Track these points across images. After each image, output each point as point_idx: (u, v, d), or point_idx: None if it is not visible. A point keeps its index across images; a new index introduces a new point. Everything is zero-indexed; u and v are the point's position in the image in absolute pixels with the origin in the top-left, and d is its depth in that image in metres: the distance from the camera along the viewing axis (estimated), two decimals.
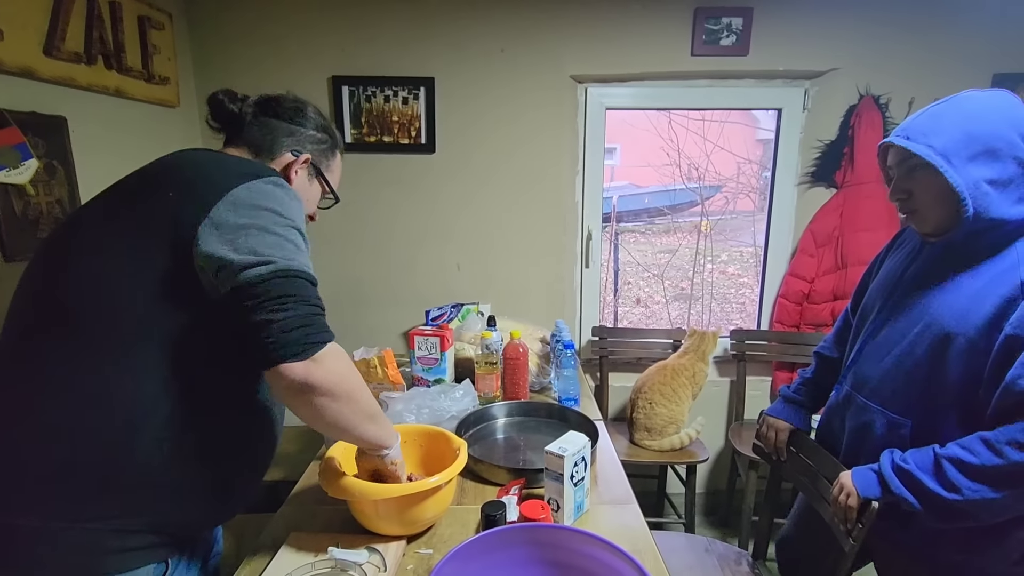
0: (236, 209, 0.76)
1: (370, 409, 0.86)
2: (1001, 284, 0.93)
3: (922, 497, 0.96)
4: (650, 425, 2.09)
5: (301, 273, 0.76)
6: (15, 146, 1.33)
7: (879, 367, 1.08)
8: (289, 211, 0.80)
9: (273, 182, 0.82)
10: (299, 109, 1.01)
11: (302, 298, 0.75)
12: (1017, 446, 0.87)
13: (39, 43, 1.43)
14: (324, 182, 1.05)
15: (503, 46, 2.18)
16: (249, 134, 0.97)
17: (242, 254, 0.73)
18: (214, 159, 0.86)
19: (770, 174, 2.41)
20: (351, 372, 0.81)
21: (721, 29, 2.14)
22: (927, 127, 0.97)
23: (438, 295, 2.34)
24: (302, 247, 0.80)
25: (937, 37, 2.14)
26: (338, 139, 1.08)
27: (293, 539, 0.97)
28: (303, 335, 0.73)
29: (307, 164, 1.00)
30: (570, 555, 0.86)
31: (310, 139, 1.01)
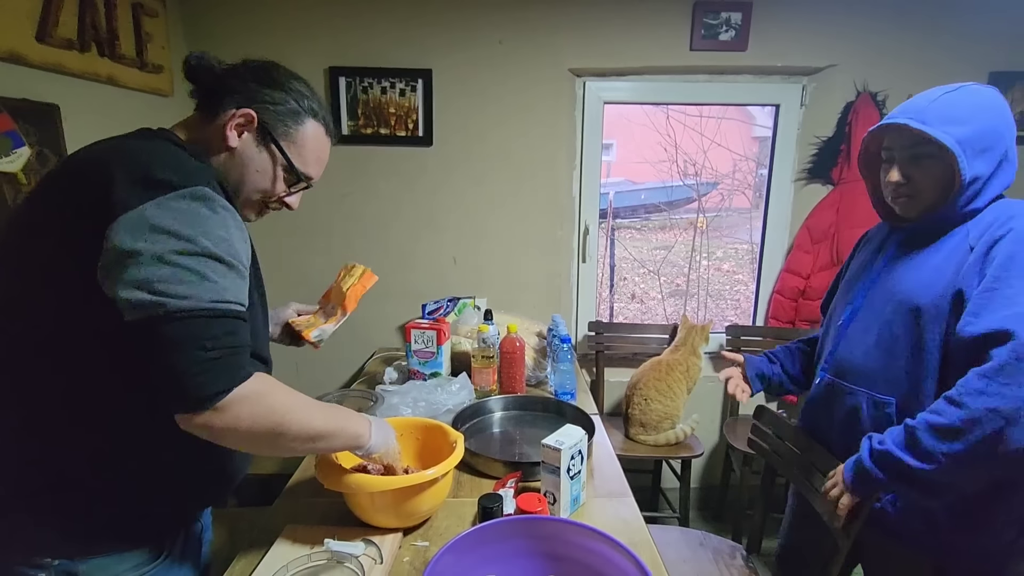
0: (135, 232, 0.66)
1: (308, 432, 0.79)
2: (955, 253, 1.01)
3: (903, 477, 0.95)
4: (645, 421, 2.09)
5: (199, 312, 0.68)
6: (6, 133, 1.31)
7: (860, 351, 1.12)
8: (204, 233, 0.70)
9: (190, 195, 0.70)
10: (261, 66, 0.88)
11: (199, 343, 0.67)
12: (974, 393, 0.89)
13: (31, 29, 1.41)
14: (279, 151, 0.87)
15: (501, 38, 2.17)
16: (204, 99, 0.86)
17: (130, 290, 0.66)
18: (127, 160, 0.72)
19: (766, 171, 2.41)
20: (268, 412, 0.73)
21: (720, 24, 2.14)
22: (945, 114, 0.97)
23: (434, 289, 2.33)
24: (213, 277, 0.70)
25: (935, 34, 2.15)
26: (312, 107, 0.90)
27: (289, 531, 0.97)
28: (198, 386, 0.67)
29: (251, 124, 0.84)
30: (567, 547, 0.86)
31: (263, 97, 0.85)
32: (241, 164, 0.86)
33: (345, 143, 2.23)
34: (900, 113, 1.02)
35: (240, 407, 0.70)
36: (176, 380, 0.67)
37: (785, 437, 1.38)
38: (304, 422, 0.78)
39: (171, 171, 0.71)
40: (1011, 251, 0.93)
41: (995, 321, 0.90)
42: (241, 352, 0.73)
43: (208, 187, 0.73)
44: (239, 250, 0.74)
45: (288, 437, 0.77)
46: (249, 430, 0.72)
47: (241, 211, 0.89)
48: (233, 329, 0.72)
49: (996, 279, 0.92)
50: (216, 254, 0.70)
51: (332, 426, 0.84)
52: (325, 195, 2.28)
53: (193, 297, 0.68)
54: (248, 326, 0.76)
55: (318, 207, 2.28)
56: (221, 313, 0.70)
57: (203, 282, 0.69)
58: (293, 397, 0.79)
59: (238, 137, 0.84)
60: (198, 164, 0.78)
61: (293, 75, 0.90)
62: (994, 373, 0.88)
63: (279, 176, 0.89)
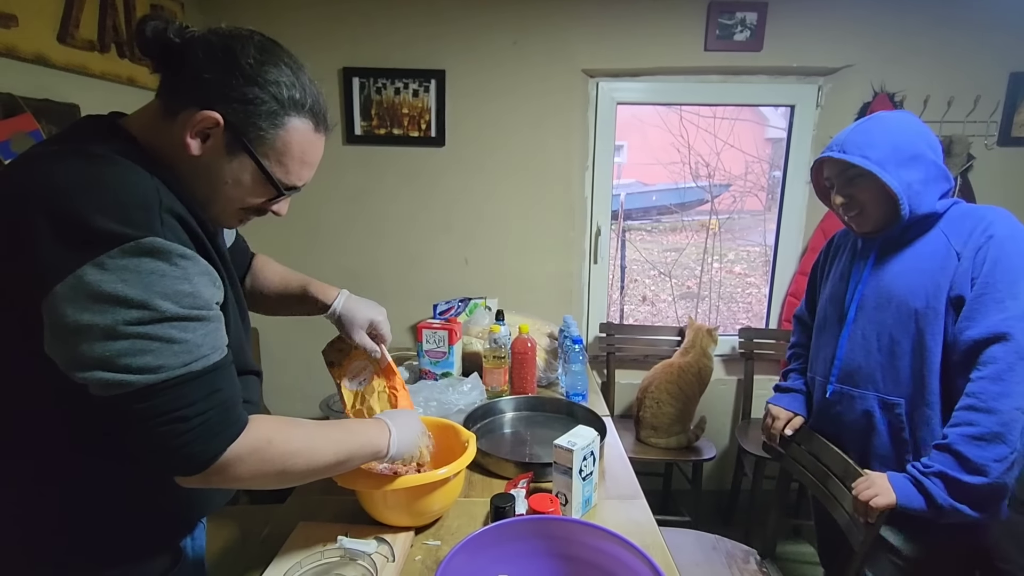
0: (77, 303, 0.56)
1: (317, 468, 0.75)
2: (937, 257, 1.11)
3: (965, 496, 1.01)
4: (657, 424, 2.08)
5: (172, 381, 0.60)
6: (29, 133, 1.33)
7: (863, 356, 1.19)
8: (162, 295, 0.59)
9: (138, 250, 0.58)
10: (226, 47, 0.68)
11: (180, 414, 0.61)
12: (997, 396, 0.98)
13: (53, 30, 1.44)
14: (254, 160, 0.70)
15: (515, 39, 2.17)
16: (164, 82, 0.70)
17: (87, 370, 0.58)
18: (52, 203, 0.58)
19: (779, 173, 2.39)
20: (267, 463, 0.68)
21: (735, 24, 2.13)
22: (860, 141, 1.12)
23: (446, 289, 2.34)
24: (182, 337, 0.61)
25: (954, 34, 2.12)
26: (294, 98, 0.70)
27: (302, 529, 0.97)
28: (189, 456, 0.62)
29: (216, 129, 0.67)
30: (579, 548, 0.85)
31: (228, 93, 0.67)
32: (207, 175, 0.70)
33: (358, 143, 2.25)
34: (828, 148, 1.18)
35: (237, 466, 0.66)
36: (161, 454, 0.62)
37: (800, 441, 1.37)
38: (311, 461, 0.74)
39: (110, 215, 0.58)
40: (995, 256, 1.04)
41: (992, 325, 1.01)
42: (229, 407, 0.66)
43: (161, 231, 0.60)
44: (207, 298, 0.65)
45: (296, 477, 0.74)
46: (252, 480, 0.69)
47: (216, 222, 0.75)
48: (216, 384, 0.64)
49: (985, 284, 1.03)
50: (179, 314, 0.61)
51: (344, 453, 0.79)
52: (337, 195, 2.29)
53: (163, 368, 0.60)
54: (233, 368, 0.69)
55: (330, 207, 2.30)
56: (198, 374, 0.62)
57: (170, 346, 0.60)
58: (296, 440, 0.73)
59: (201, 144, 0.68)
60: (151, 195, 0.62)
61: (270, 55, 0.70)
62: (1007, 374, 0.98)
63: (254, 188, 0.73)
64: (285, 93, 0.70)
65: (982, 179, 2.21)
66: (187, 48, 0.68)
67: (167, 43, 0.68)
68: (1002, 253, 1.04)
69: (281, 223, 1.05)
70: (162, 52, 0.69)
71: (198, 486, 0.67)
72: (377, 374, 1.08)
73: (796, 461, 1.38)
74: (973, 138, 2.18)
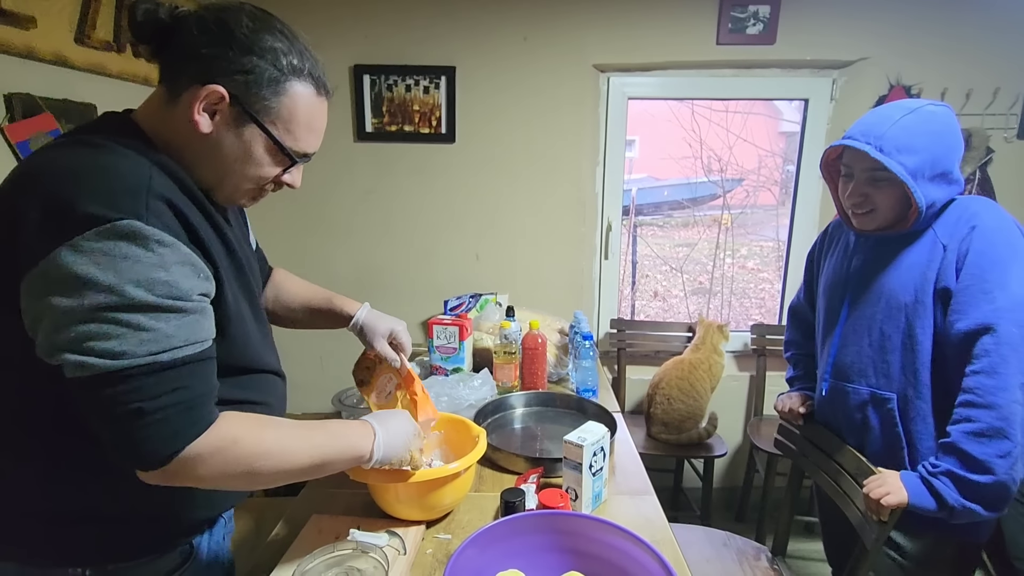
0: (50, 283, 0.57)
1: (289, 470, 0.72)
2: (925, 250, 1.09)
3: (975, 495, 0.99)
4: (668, 420, 2.08)
5: (136, 369, 0.59)
6: (49, 133, 1.36)
7: (858, 352, 1.18)
8: (133, 281, 0.59)
9: (115, 233, 0.58)
10: (219, 21, 0.68)
11: (138, 405, 0.59)
12: (994, 390, 0.97)
13: (70, 31, 1.46)
14: (262, 130, 0.71)
15: (525, 35, 2.16)
16: (163, 67, 0.71)
17: (55, 351, 0.58)
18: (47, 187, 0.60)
19: (792, 167, 2.36)
20: (231, 463, 0.66)
21: (747, 17, 2.10)
22: (901, 142, 1.04)
23: (457, 285, 2.35)
24: (151, 326, 0.60)
25: (971, 26, 2.07)
26: (292, 64, 0.70)
27: (315, 521, 0.99)
28: (146, 450, 0.61)
29: (221, 104, 0.68)
30: (589, 543, 0.86)
31: (227, 66, 0.67)
32: (218, 151, 0.71)
33: (369, 140, 2.26)
34: (860, 135, 1.08)
35: (196, 465, 0.63)
36: (118, 443, 0.61)
37: (813, 439, 1.36)
38: (282, 463, 0.71)
39: (95, 198, 0.58)
40: (980, 248, 1.03)
41: (981, 317, 1.00)
42: (194, 406, 0.64)
43: (144, 215, 0.60)
44: (186, 288, 0.63)
45: (265, 479, 0.71)
46: (215, 481, 0.67)
47: (231, 200, 0.77)
48: (183, 380, 0.63)
49: (971, 276, 1.02)
50: (150, 302, 0.60)
51: (320, 457, 0.75)
52: (349, 192, 2.31)
53: (127, 354, 0.59)
54: (211, 364, 0.68)
55: (342, 204, 2.32)
56: (164, 365, 0.61)
57: (137, 334, 0.59)
58: (268, 439, 0.70)
59: (210, 120, 0.68)
60: (142, 179, 0.63)
61: (264, 23, 0.70)
62: (1001, 367, 0.97)
63: (266, 160, 0.73)
64: (283, 60, 0.70)
65: (1001, 173, 2.17)
66: (180, 27, 0.69)
67: (160, 25, 0.68)
68: (986, 244, 1.02)
69: (291, 221, 1.06)
70: (156, 35, 0.69)
71: (160, 483, 0.65)
72: (399, 386, 1.09)
73: (808, 458, 1.37)
74: (992, 131, 2.14)
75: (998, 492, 0.99)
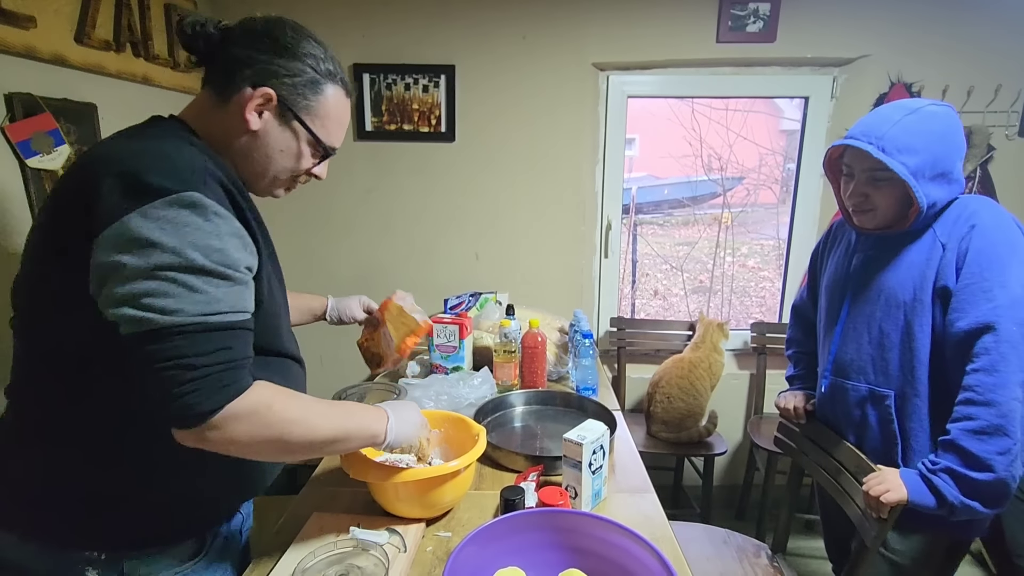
0: (120, 245, 0.64)
1: (314, 440, 0.76)
2: (924, 248, 1.10)
3: (974, 492, 1.00)
4: (668, 418, 2.08)
5: (188, 327, 0.64)
6: (48, 132, 1.36)
7: (854, 349, 1.20)
8: (192, 244, 0.65)
9: (178, 202, 0.65)
10: (267, 32, 0.79)
11: (188, 361, 0.64)
12: (993, 387, 0.98)
13: (70, 31, 1.46)
14: (303, 127, 0.82)
15: (524, 33, 2.16)
16: (212, 73, 0.80)
17: (116, 306, 0.64)
18: (118, 165, 0.67)
19: (793, 166, 2.36)
20: (265, 427, 0.71)
21: (747, 15, 2.10)
22: (902, 143, 1.05)
23: (457, 284, 2.35)
24: (204, 288, 0.66)
25: (973, 23, 2.07)
26: (328, 69, 0.83)
27: (315, 519, 0.99)
28: (188, 405, 0.65)
29: (271, 103, 0.79)
30: (588, 541, 0.86)
31: (276, 70, 0.78)
32: (265, 145, 0.81)
33: (369, 139, 2.26)
34: (862, 134, 1.08)
35: (234, 424, 0.68)
36: (164, 398, 0.65)
37: (813, 437, 1.36)
38: (309, 432, 0.76)
39: (163, 174, 0.66)
40: (979, 246, 1.03)
41: (981, 315, 1.00)
42: (236, 367, 0.69)
43: (203, 190, 0.68)
44: (236, 258, 0.70)
45: (292, 447, 0.75)
46: (248, 445, 0.71)
47: (268, 191, 0.88)
48: (227, 343, 0.68)
49: (971, 275, 1.03)
50: (206, 267, 0.66)
51: (342, 431, 0.80)
52: (349, 191, 2.31)
53: (181, 312, 0.64)
54: (250, 335, 0.73)
55: (342, 202, 2.32)
56: (213, 327, 0.67)
57: (191, 295, 0.65)
58: (296, 408, 0.75)
59: (259, 118, 0.79)
60: (200, 162, 0.71)
61: (303, 34, 0.82)
62: (1000, 365, 0.98)
63: (305, 152, 0.85)
64: (321, 65, 0.82)
65: (1003, 170, 2.17)
66: (227, 38, 0.79)
67: (208, 37, 0.79)
68: (986, 242, 1.03)
69: (293, 219, 1.08)
70: (204, 45, 0.79)
71: (196, 444, 0.69)
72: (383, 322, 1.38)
73: (808, 456, 1.37)
74: (993, 129, 2.14)
75: (998, 489, 0.99)
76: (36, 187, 1.35)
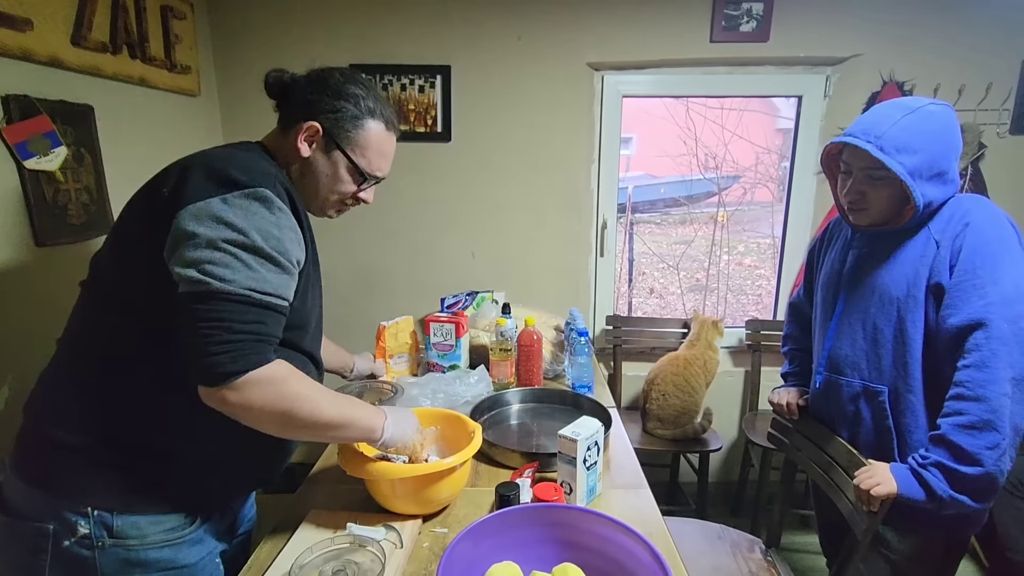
0: (199, 218, 0.76)
1: (318, 420, 0.84)
2: (918, 245, 1.11)
3: (963, 487, 1.01)
4: (663, 415, 2.09)
5: (235, 296, 0.75)
6: (45, 134, 1.37)
7: (848, 344, 1.21)
8: (256, 228, 0.77)
9: (252, 195, 0.78)
10: (320, 77, 0.96)
11: (228, 324, 0.74)
12: (984, 383, 0.99)
13: (67, 33, 1.47)
14: (344, 155, 0.95)
15: (520, 34, 2.17)
16: (282, 111, 0.97)
17: (183, 267, 0.74)
18: (208, 162, 0.82)
19: (789, 163, 2.37)
20: (279, 398, 0.79)
21: (741, 15, 2.11)
22: (900, 142, 1.05)
23: (453, 283, 2.36)
24: (257, 267, 0.77)
25: (965, 22, 2.09)
26: (369, 107, 0.96)
27: (313, 516, 1.00)
28: (218, 363, 0.74)
29: (317, 135, 0.93)
30: (582, 535, 0.87)
31: (325, 107, 0.93)
32: (313, 171, 0.95)
33: None
34: (861, 133, 1.09)
35: (253, 389, 0.76)
36: (200, 353, 0.74)
37: (805, 432, 1.37)
38: (314, 411, 0.83)
39: (242, 172, 0.79)
40: (973, 244, 1.04)
41: (973, 312, 1.01)
42: (266, 340, 0.79)
43: (271, 189, 0.80)
44: (289, 249, 0.81)
45: (298, 423, 0.82)
46: (261, 411, 0.78)
47: (322, 211, 1.01)
48: (263, 319, 0.78)
49: (964, 272, 1.04)
50: (263, 249, 0.78)
51: (343, 418, 0.87)
52: None
53: (234, 282, 0.75)
54: (283, 320, 0.82)
55: None
56: (256, 302, 0.77)
57: (247, 270, 0.76)
58: (307, 388, 0.83)
59: (309, 148, 0.93)
60: (273, 170, 0.86)
61: (350, 77, 0.96)
62: (991, 361, 0.99)
63: (346, 177, 0.97)
64: (362, 103, 0.95)
65: (994, 168, 2.19)
66: (294, 84, 0.96)
67: (283, 85, 0.96)
68: (979, 240, 1.04)
69: None
70: (279, 91, 0.97)
71: (217, 405, 0.77)
72: None
73: (801, 452, 1.39)
74: (985, 127, 2.15)
75: (986, 483, 1.00)
76: (34, 188, 1.36)
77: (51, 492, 0.83)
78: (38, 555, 0.83)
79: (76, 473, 0.83)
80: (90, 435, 0.83)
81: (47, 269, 1.40)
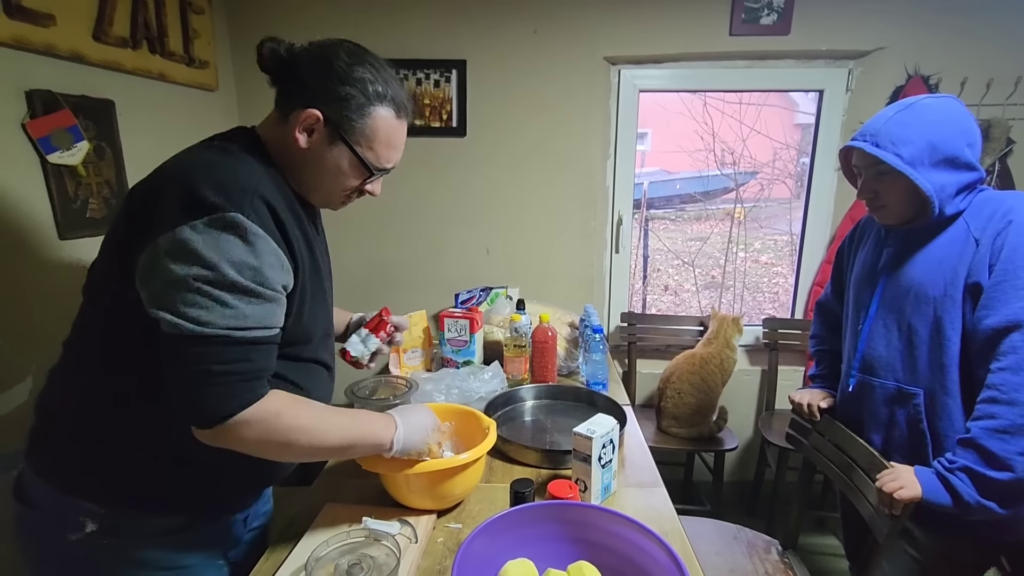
0: (169, 253, 0.70)
1: (320, 448, 0.83)
2: (957, 243, 1.08)
3: (992, 492, 0.98)
4: (678, 414, 2.07)
5: (214, 338, 0.70)
6: (68, 128, 1.38)
7: (883, 345, 1.17)
8: (229, 262, 0.71)
9: (223, 223, 0.71)
10: (323, 56, 0.83)
11: (209, 368, 0.71)
12: (1019, 387, 0.96)
13: (88, 28, 1.48)
14: (348, 147, 0.85)
15: (536, 27, 2.16)
16: (279, 92, 0.86)
17: (155, 307, 0.71)
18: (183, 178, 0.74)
19: (808, 160, 2.33)
20: (272, 434, 0.77)
21: (761, 7, 2.07)
22: (895, 135, 1.07)
23: (467, 279, 2.35)
24: (234, 304, 0.72)
25: (992, 14, 2.02)
26: (378, 92, 0.84)
27: (328, 510, 1.01)
28: (205, 407, 0.72)
29: (318, 123, 0.82)
30: (597, 534, 0.87)
31: (327, 93, 0.82)
32: (314, 163, 0.85)
33: None
34: (860, 135, 1.12)
35: (243, 429, 0.75)
36: (184, 397, 0.72)
37: (825, 433, 1.35)
38: (314, 440, 0.82)
39: (216, 191, 0.72)
40: (1015, 243, 1.00)
41: (1011, 313, 0.98)
42: (254, 376, 0.75)
43: (246, 210, 0.72)
44: (269, 277, 0.75)
45: (298, 452, 0.82)
46: (257, 447, 0.78)
47: (324, 203, 0.93)
48: (248, 355, 0.74)
49: (1005, 271, 1.00)
50: (239, 283, 0.72)
51: (347, 440, 0.86)
52: None
53: (210, 323, 0.71)
54: (274, 348, 0.79)
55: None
56: (237, 340, 0.72)
57: (222, 308, 0.71)
58: (304, 418, 0.81)
59: (308, 138, 0.83)
60: (253, 182, 0.76)
61: (357, 58, 0.84)
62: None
63: (350, 171, 0.88)
64: (370, 88, 0.83)
65: (1022, 164, 2.13)
66: (296, 61, 0.83)
67: (279, 59, 0.84)
68: (1022, 240, 1.00)
69: None
70: (276, 67, 0.84)
71: (210, 442, 0.76)
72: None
73: (820, 452, 1.36)
74: (1013, 122, 2.09)
75: (1016, 490, 0.98)
76: (56, 182, 1.38)
77: (58, 487, 0.83)
78: (47, 546, 0.84)
79: (80, 470, 0.82)
80: (94, 433, 0.82)
81: (69, 262, 1.42)
